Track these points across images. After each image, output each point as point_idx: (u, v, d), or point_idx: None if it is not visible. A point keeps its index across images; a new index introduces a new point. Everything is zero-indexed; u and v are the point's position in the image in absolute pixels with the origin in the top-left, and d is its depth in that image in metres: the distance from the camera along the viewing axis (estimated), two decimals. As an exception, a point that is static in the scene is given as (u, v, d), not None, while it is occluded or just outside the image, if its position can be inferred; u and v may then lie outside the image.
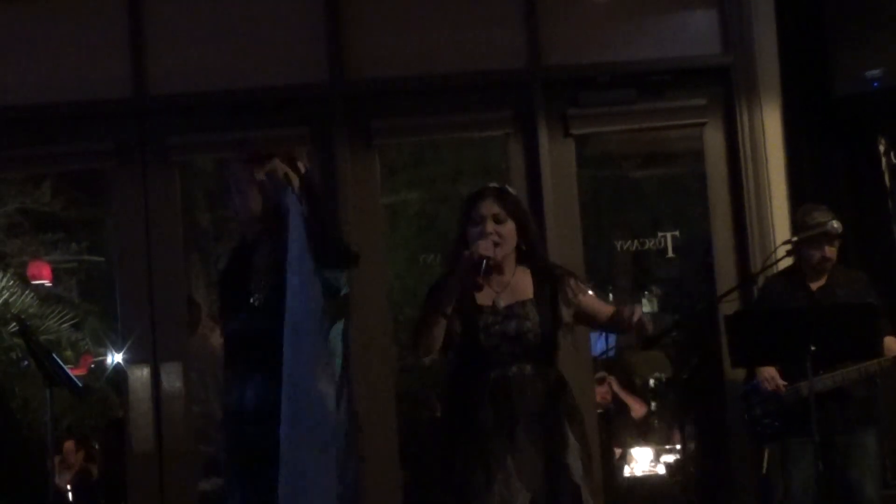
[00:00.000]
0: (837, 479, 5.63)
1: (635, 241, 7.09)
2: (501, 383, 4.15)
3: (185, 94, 6.68)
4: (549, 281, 4.23)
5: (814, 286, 5.78)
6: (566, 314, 4.20)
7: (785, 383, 5.63)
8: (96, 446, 8.11)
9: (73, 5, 6.65)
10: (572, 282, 4.24)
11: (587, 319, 4.35)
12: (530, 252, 4.23)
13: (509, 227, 4.15)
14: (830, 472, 5.51)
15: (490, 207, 4.18)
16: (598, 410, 6.55)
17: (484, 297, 4.20)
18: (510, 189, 4.39)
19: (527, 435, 4.10)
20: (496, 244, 4.11)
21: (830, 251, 5.70)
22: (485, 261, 4.05)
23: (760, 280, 6.05)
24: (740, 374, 5.98)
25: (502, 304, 4.20)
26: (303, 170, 4.38)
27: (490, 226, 4.13)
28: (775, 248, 6.06)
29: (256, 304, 4.09)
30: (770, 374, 5.67)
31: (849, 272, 5.90)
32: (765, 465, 5.93)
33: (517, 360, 4.15)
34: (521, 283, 4.24)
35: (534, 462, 4.09)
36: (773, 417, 5.77)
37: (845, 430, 5.62)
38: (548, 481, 4.07)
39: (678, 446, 6.43)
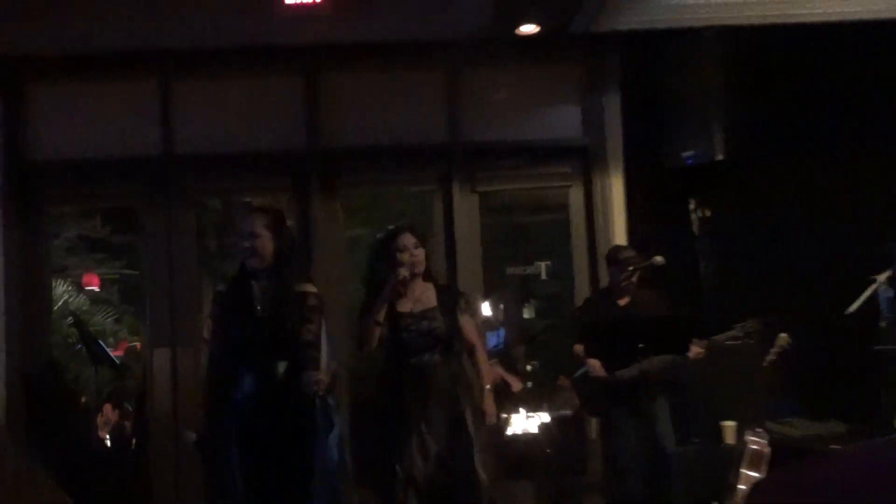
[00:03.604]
0: (646, 436, 5.62)
1: (520, 268, 7.12)
2: (418, 368, 4.30)
3: (201, 153, 6.70)
4: (449, 295, 4.44)
5: (621, 303, 5.80)
6: (459, 319, 4.40)
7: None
8: (130, 408, 8.10)
9: (118, 85, 6.72)
10: (461, 301, 4.47)
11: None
12: (430, 271, 4.45)
13: (422, 253, 4.38)
14: (641, 431, 5.61)
15: (410, 239, 4.38)
16: (488, 387, 6.62)
17: (403, 306, 4.35)
18: (416, 227, 4.63)
19: (436, 405, 4.26)
20: (412, 266, 4.32)
21: (626, 278, 5.72)
22: (406, 277, 4.27)
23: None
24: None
25: (417, 310, 4.36)
26: (288, 223, 4.52)
27: (409, 254, 4.33)
28: (622, 277, 5.87)
29: (261, 313, 4.12)
30: (598, 365, 5.61)
31: (651, 292, 5.88)
32: (591, 431, 6.10)
33: (428, 351, 4.31)
34: (427, 296, 4.40)
35: (440, 425, 4.25)
36: (600, 396, 5.73)
37: (648, 400, 5.64)
38: (450, 438, 4.24)
39: (551, 413, 6.30)
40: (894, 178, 6.84)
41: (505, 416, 6.62)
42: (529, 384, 6.08)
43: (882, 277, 6.21)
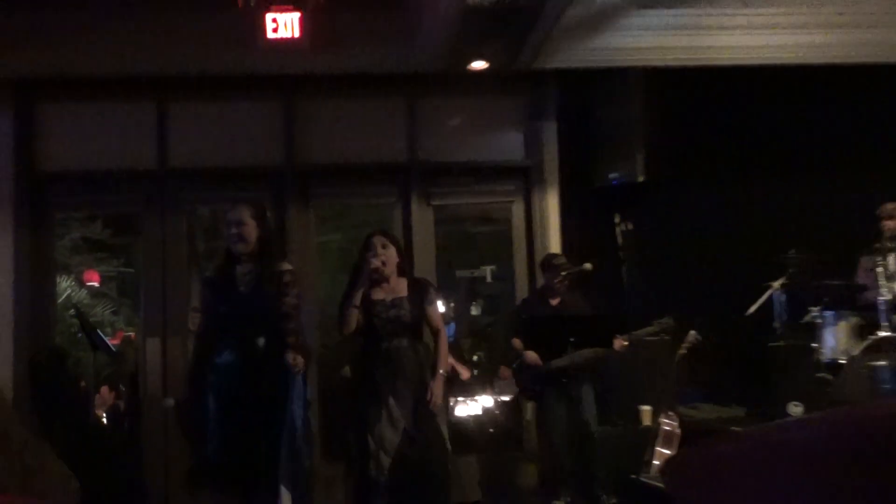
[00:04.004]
0: (573, 418, 5.69)
1: (468, 271, 7.07)
2: (388, 352, 4.25)
3: (192, 167, 6.70)
4: (420, 287, 4.38)
5: (553, 302, 5.84)
6: (426, 308, 4.35)
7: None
8: (124, 390, 7.96)
9: (120, 106, 6.70)
10: (429, 293, 4.41)
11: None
12: (403, 268, 4.39)
13: (391, 252, 4.34)
14: (570, 414, 5.68)
15: (379, 240, 4.36)
16: (441, 371, 6.47)
17: (377, 294, 4.31)
18: (390, 231, 4.65)
19: (404, 384, 4.20)
20: (383, 262, 4.28)
21: (558, 281, 5.78)
22: (378, 268, 4.25)
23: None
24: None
25: (388, 299, 4.30)
26: (268, 215, 4.53)
27: (379, 250, 4.31)
28: (555, 279, 5.92)
29: (244, 291, 4.08)
30: (534, 356, 5.67)
31: (579, 294, 5.90)
32: (527, 413, 6.08)
33: (397, 336, 4.26)
34: (400, 287, 4.34)
35: (407, 401, 4.19)
36: (535, 383, 5.79)
37: (575, 387, 5.69)
38: (416, 413, 4.19)
39: (494, 396, 6.39)
40: (787, 199, 7.04)
41: (454, 399, 6.68)
42: (475, 372, 6.09)
43: (776, 284, 6.34)
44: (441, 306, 4.87)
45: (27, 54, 6.26)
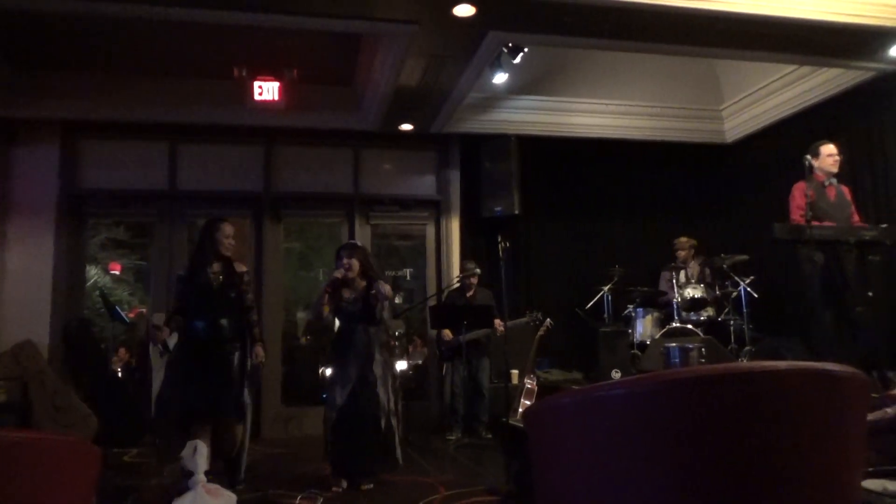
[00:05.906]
0: (473, 378, 5.77)
1: (393, 271, 6.92)
2: (351, 332, 4.14)
3: (194, 189, 6.51)
4: (370, 286, 4.19)
5: (468, 295, 5.88)
6: (374, 297, 4.15)
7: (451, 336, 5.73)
8: (135, 352, 7.80)
9: (142, 143, 6.47)
10: (374, 287, 4.21)
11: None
12: (365, 272, 4.22)
13: (354, 262, 4.17)
14: (470, 375, 5.74)
15: (345, 253, 4.22)
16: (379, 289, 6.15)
17: (345, 293, 4.17)
18: (358, 243, 4.43)
19: (355, 356, 4.07)
20: (346, 270, 4.16)
21: (469, 281, 5.86)
22: (338, 278, 4.14)
23: (446, 292, 6.14)
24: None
25: (350, 297, 4.17)
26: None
27: (345, 262, 4.17)
28: (451, 281, 6.21)
29: (215, 285, 3.98)
30: (447, 333, 5.78)
31: (482, 290, 5.96)
32: (444, 373, 6.00)
33: (357, 322, 4.12)
34: (360, 287, 4.19)
35: (355, 368, 4.05)
36: (448, 351, 5.84)
37: (476, 357, 5.77)
38: (361, 375, 4.05)
39: (409, 361, 6.31)
40: (615, 230, 7.20)
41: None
42: (397, 343, 6.05)
43: (605, 288, 6.50)
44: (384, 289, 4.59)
45: (72, 103, 6.07)
